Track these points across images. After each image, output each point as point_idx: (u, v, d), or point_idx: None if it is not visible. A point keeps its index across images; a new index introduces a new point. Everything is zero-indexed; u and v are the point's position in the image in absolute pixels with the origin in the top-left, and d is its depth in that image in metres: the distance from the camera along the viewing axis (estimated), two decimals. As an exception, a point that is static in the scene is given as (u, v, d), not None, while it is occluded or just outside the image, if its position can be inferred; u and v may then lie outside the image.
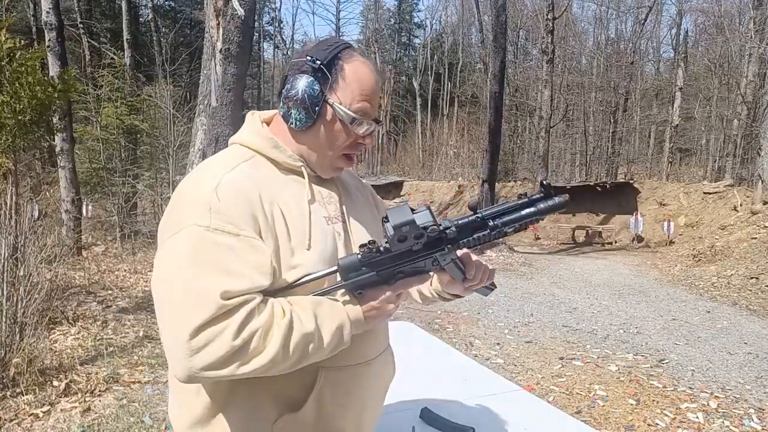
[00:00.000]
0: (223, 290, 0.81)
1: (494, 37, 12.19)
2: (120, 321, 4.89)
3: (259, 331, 0.82)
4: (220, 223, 0.85)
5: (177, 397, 1.04)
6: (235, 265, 0.84)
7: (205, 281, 0.82)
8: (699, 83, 23.90)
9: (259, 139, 1.00)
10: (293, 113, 0.97)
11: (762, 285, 7.70)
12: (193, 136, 5.11)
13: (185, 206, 0.89)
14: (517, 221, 0.94)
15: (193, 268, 0.83)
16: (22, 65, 5.26)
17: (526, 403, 1.80)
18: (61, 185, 8.58)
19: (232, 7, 4.70)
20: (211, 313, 0.80)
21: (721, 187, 13.54)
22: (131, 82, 12.83)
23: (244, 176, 0.93)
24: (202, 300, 0.81)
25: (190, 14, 25.90)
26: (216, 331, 0.80)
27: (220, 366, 0.81)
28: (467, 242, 0.95)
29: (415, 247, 0.92)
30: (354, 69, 0.97)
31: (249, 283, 0.84)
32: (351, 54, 0.98)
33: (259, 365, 0.82)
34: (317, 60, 0.95)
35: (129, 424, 3.00)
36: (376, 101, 1.01)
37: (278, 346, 0.83)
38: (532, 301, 6.92)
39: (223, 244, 0.84)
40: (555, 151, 25.57)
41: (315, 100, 0.95)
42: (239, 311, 0.82)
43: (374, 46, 37.83)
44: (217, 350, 0.80)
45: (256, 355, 0.82)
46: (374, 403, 1.11)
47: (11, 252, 3.66)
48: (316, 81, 0.95)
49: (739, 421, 3.40)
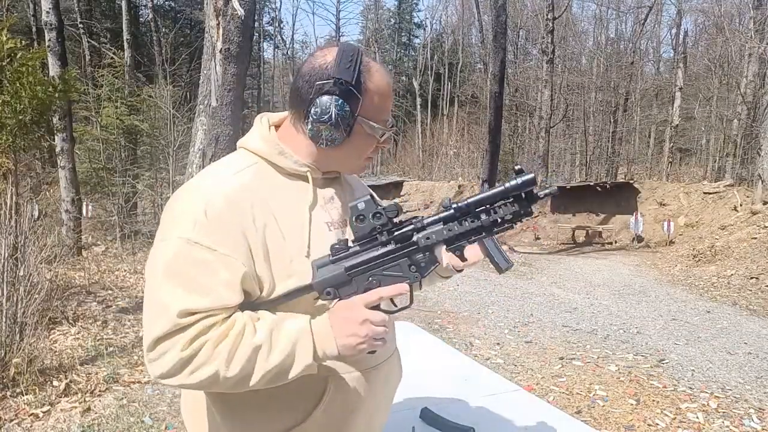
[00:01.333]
0: (182, 308, 0.85)
1: (494, 37, 12.19)
2: (120, 321, 4.89)
3: (209, 342, 0.85)
4: (200, 237, 0.87)
5: (189, 406, 1.07)
6: (204, 281, 0.86)
7: (169, 296, 0.86)
8: (699, 83, 23.92)
9: (266, 146, 1.00)
10: (325, 134, 0.95)
11: (762, 285, 7.70)
12: (193, 136, 5.11)
13: (176, 216, 0.91)
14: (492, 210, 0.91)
15: (163, 282, 0.87)
16: (22, 65, 5.26)
17: (526, 403, 1.80)
18: (61, 185, 8.58)
19: (232, 7, 4.70)
20: (166, 328, 0.85)
21: (721, 187, 13.54)
22: (131, 82, 12.84)
23: (241, 187, 0.93)
24: (162, 314, 0.85)
25: (190, 14, 25.90)
26: (170, 344, 0.85)
27: (172, 375, 0.85)
28: (446, 239, 0.92)
29: (380, 236, 0.91)
30: (376, 83, 0.97)
31: (213, 300, 0.86)
32: (368, 65, 0.97)
33: (206, 375, 0.85)
34: (342, 80, 0.93)
35: (129, 424, 3.00)
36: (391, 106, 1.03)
37: (224, 356, 0.84)
38: (532, 301, 6.91)
39: (197, 259, 0.87)
40: (555, 151, 25.59)
41: (347, 121, 0.94)
42: (194, 326, 0.85)
43: (374, 46, 37.82)
44: (169, 361, 0.85)
45: (203, 364, 0.85)
46: (383, 407, 1.11)
47: (11, 252, 3.66)
48: (346, 103, 0.93)
49: (739, 421, 3.40)
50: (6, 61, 5.21)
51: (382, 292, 0.90)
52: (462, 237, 0.93)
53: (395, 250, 0.92)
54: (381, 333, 0.89)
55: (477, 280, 8.06)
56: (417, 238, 0.92)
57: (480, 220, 0.92)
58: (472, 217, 0.92)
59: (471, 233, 0.93)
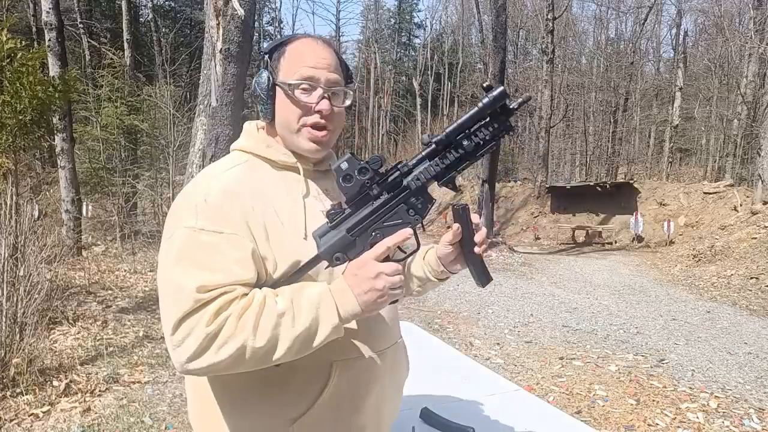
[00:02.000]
0: (199, 284, 0.86)
1: (494, 37, 12.19)
2: (120, 321, 4.89)
3: (232, 316, 0.85)
4: (205, 223, 0.90)
5: (196, 396, 1.06)
6: (215, 261, 0.88)
7: (183, 278, 0.87)
8: (699, 83, 23.92)
9: (253, 142, 1.05)
10: (259, 108, 1.02)
11: (762, 285, 7.70)
12: (193, 136, 5.10)
13: (179, 212, 0.95)
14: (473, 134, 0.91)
15: (176, 267, 0.89)
16: (22, 65, 5.27)
17: (526, 403, 1.80)
18: (61, 185, 8.58)
19: (232, 7, 4.70)
20: (187, 306, 0.85)
21: (721, 187, 13.54)
22: (131, 82, 12.83)
23: (235, 180, 0.97)
24: (180, 295, 0.86)
25: (190, 14, 25.91)
26: (193, 322, 0.84)
27: (200, 353, 0.84)
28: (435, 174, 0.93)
29: (371, 191, 0.91)
30: (294, 46, 1.00)
31: (228, 276, 0.88)
32: (298, 37, 1.01)
33: (234, 348, 0.84)
34: (263, 52, 1.01)
35: (129, 424, 3.00)
36: (325, 64, 0.99)
37: (251, 327, 0.84)
38: (532, 301, 6.91)
39: (206, 242, 0.89)
40: (555, 151, 25.60)
41: (264, 87, 1.00)
42: (215, 301, 0.86)
43: (374, 46, 37.84)
44: (196, 340, 0.84)
45: (230, 337, 0.84)
46: (392, 397, 1.11)
47: (11, 252, 3.66)
48: (265, 70, 1.00)
49: (739, 421, 3.40)
50: (6, 61, 5.21)
51: (388, 242, 0.91)
52: (450, 169, 0.93)
53: (389, 200, 0.93)
54: (398, 282, 0.90)
55: (477, 280, 8.05)
56: (407, 182, 0.93)
57: (463, 147, 0.91)
58: (454, 147, 0.92)
59: (457, 163, 0.92)
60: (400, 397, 1.16)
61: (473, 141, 0.92)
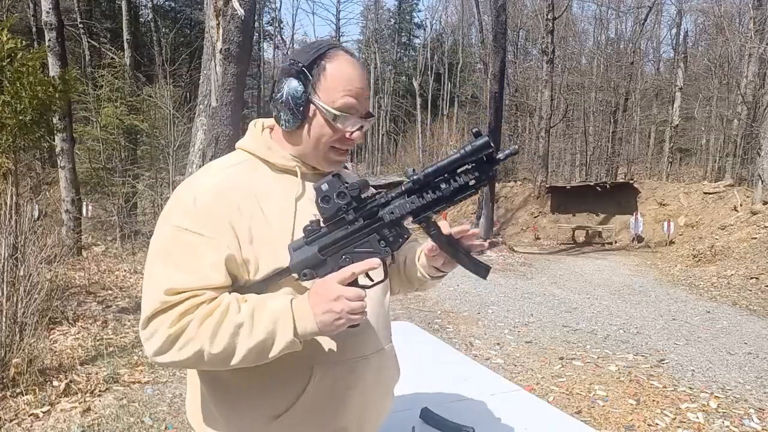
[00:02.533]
0: (169, 287, 0.90)
1: (494, 37, 12.19)
2: (120, 321, 4.89)
3: (195, 320, 0.89)
4: (188, 223, 0.94)
5: (192, 387, 1.11)
6: (191, 263, 0.92)
7: (158, 277, 0.93)
8: (699, 83, 23.92)
9: (255, 143, 1.07)
10: (282, 116, 1.01)
11: (762, 285, 7.70)
12: (193, 136, 5.11)
13: (170, 208, 0.99)
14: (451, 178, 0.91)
15: (154, 263, 0.95)
16: (23, 65, 5.27)
17: (526, 403, 1.80)
18: (61, 185, 8.58)
19: (232, 7, 4.70)
20: (156, 306, 0.90)
21: (721, 187, 13.54)
22: (131, 82, 12.83)
23: (229, 180, 1.00)
24: (152, 294, 0.92)
25: (190, 14, 25.91)
26: (159, 322, 0.90)
27: (164, 351, 0.90)
28: (410, 211, 0.93)
29: (347, 215, 0.93)
30: (336, 67, 0.99)
31: (199, 280, 0.92)
32: (335, 53, 1.00)
33: (193, 351, 0.89)
34: (299, 62, 0.99)
35: (129, 424, 3.00)
36: (363, 96, 1.01)
37: (209, 333, 0.89)
38: (532, 301, 6.91)
39: (185, 242, 0.93)
40: (555, 151, 25.59)
41: (299, 101, 0.98)
42: (182, 303, 0.90)
43: (374, 46, 37.84)
44: (159, 339, 0.90)
45: (190, 340, 0.89)
46: (376, 401, 1.11)
47: (11, 252, 3.66)
48: (300, 83, 0.98)
49: (739, 421, 3.40)
50: (6, 61, 5.21)
51: (354, 268, 0.92)
52: (425, 208, 0.93)
53: (363, 227, 0.94)
54: (357, 308, 0.90)
55: (477, 280, 8.05)
56: (383, 213, 0.94)
57: (440, 189, 0.91)
58: (432, 188, 0.92)
59: (434, 204, 0.92)
60: (388, 402, 1.17)
61: (452, 185, 0.91)
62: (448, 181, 0.91)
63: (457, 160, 0.89)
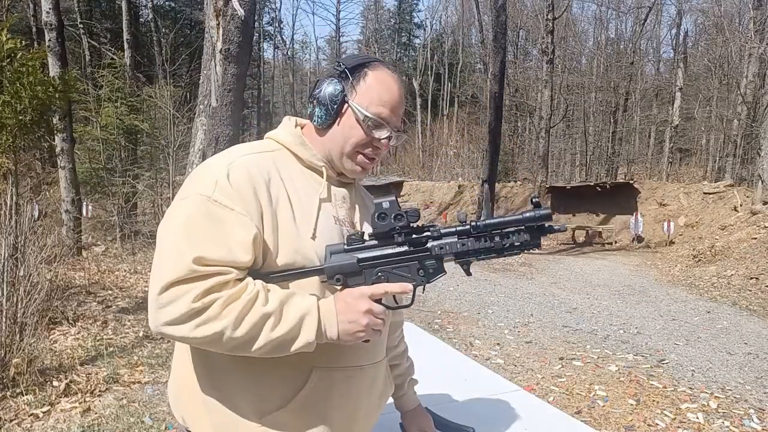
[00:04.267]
0: (198, 255, 0.87)
1: (494, 38, 12.19)
2: (120, 321, 4.89)
3: (220, 299, 0.87)
4: (220, 196, 0.92)
5: (179, 371, 1.07)
6: (219, 236, 0.90)
7: (186, 244, 0.89)
8: (699, 83, 23.92)
9: (289, 136, 1.08)
10: (316, 111, 1.04)
11: (762, 285, 7.70)
12: (193, 137, 5.10)
13: (200, 178, 0.96)
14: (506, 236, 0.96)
15: (181, 229, 0.91)
16: (23, 65, 5.27)
17: (526, 404, 1.80)
18: (61, 185, 8.58)
19: (232, 8, 4.70)
20: (181, 273, 0.86)
21: (721, 187, 13.54)
22: (131, 82, 12.83)
23: (261, 164, 0.99)
24: (177, 260, 0.87)
25: (190, 14, 25.90)
26: (182, 291, 0.86)
27: (178, 323, 0.86)
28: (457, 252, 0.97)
29: (398, 237, 0.95)
30: (377, 76, 1.03)
31: (227, 254, 0.89)
32: (379, 65, 1.05)
33: (212, 331, 0.86)
34: (343, 65, 1.04)
35: (129, 424, 3.00)
36: (398, 111, 1.05)
37: (233, 317, 0.86)
38: (532, 302, 6.91)
39: (215, 215, 0.91)
40: (555, 152, 25.59)
41: (335, 99, 1.02)
42: (209, 279, 0.87)
43: (374, 46, 37.84)
44: (179, 309, 0.85)
45: (211, 319, 0.86)
46: (367, 412, 1.11)
47: (11, 252, 3.66)
48: (339, 83, 1.03)
49: (739, 422, 3.40)
50: (6, 62, 5.21)
51: (389, 288, 0.94)
52: (472, 253, 0.97)
53: (408, 252, 0.97)
54: (380, 324, 0.93)
55: (477, 280, 8.06)
56: (431, 245, 0.97)
57: (493, 241, 0.96)
58: (485, 238, 0.97)
59: (482, 252, 0.97)
60: (377, 414, 1.17)
61: (504, 241, 0.97)
62: (502, 236, 0.97)
63: (517, 221, 0.96)
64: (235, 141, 4.73)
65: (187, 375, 1.03)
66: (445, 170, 28.25)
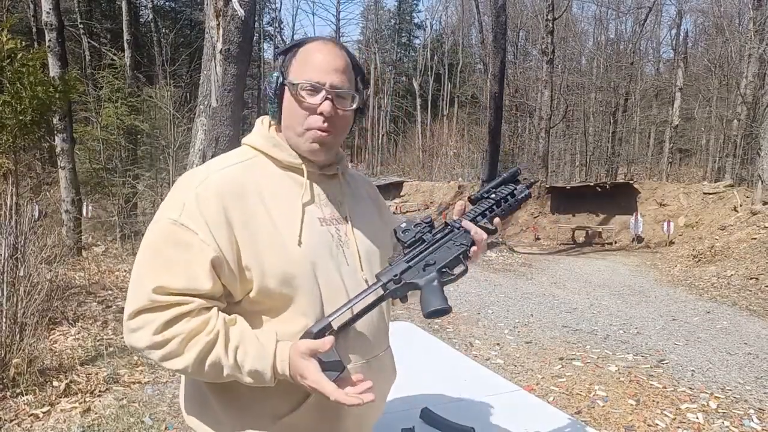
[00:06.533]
0: (158, 285, 0.89)
1: (494, 38, 12.20)
2: (120, 321, 4.86)
3: (180, 336, 0.89)
4: (186, 219, 0.92)
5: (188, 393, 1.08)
6: (181, 263, 0.90)
7: (147, 272, 0.92)
8: (699, 83, 23.90)
9: (261, 139, 1.05)
10: (269, 109, 1.04)
11: (762, 285, 7.70)
12: (193, 137, 5.10)
13: (171, 199, 0.97)
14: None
15: (146, 256, 0.93)
16: (23, 66, 5.27)
17: (526, 404, 1.80)
18: (62, 185, 8.57)
19: (232, 8, 4.70)
20: (142, 303, 0.89)
21: (720, 187, 13.53)
22: (131, 82, 12.82)
23: (234, 179, 0.97)
24: (139, 289, 0.91)
25: (190, 15, 25.90)
26: (143, 321, 0.89)
27: (147, 350, 0.90)
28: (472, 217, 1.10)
29: (425, 236, 1.05)
30: (307, 49, 1.00)
31: (186, 283, 0.90)
32: (310, 41, 1.02)
33: (177, 368, 0.90)
34: (277, 54, 1.05)
35: (129, 424, 3.00)
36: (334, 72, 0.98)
37: (193, 359, 0.90)
38: (532, 302, 6.91)
39: (180, 240, 0.91)
40: (555, 152, 25.58)
41: (274, 88, 1.01)
42: (168, 310, 0.89)
43: (374, 46, 37.85)
44: (143, 338, 0.89)
45: (174, 356, 0.90)
46: (375, 403, 1.10)
47: (11, 252, 3.66)
48: (277, 72, 1.02)
49: (739, 422, 3.40)
50: (6, 62, 5.21)
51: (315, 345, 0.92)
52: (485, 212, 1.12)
53: (440, 237, 1.06)
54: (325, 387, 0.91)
55: (477, 281, 8.06)
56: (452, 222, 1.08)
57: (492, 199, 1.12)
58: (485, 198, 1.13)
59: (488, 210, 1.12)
60: (384, 403, 1.18)
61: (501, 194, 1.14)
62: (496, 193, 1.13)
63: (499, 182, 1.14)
64: (235, 141, 4.73)
65: (199, 381, 1.03)
66: (445, 170, 28.25)
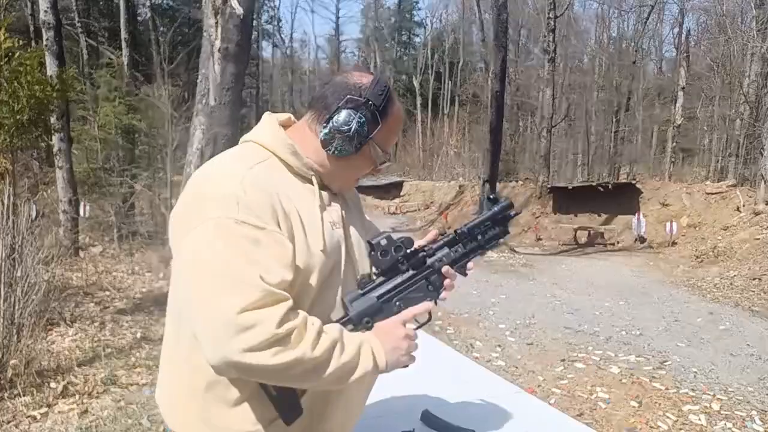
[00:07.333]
0: (264, 275, 0.86)
1: (495, 36, 12.17)
2: (117, 322, 4.87)
3: (297, 329, 0.86)
4: (246, 216, 0.88)
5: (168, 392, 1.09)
6: (261, 257, 0.87)
7: (241, 267, 0.85)
8: (701, 83, 23.84)
9: (278, 143, 1.02)
10: (337, 143, 1.01)
11: (765, 286, 7.67)
12: (191, 136, 5.07)
13: (209, 201, 0.91)
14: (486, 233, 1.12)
15: (226, 254, 0.86)
16: (20, 65, 5.24)
17: (527, 406, 1.78)
18: (59, 185, 8.55)
19: (231, 6, 4.67)
20: (255, 296, 0.83)
21: (723, 187, 13.49)
22: (129, 81, 12.79)
23: (267, 175, 0.96)
24: (244, 284, 0.84)
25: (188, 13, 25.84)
26: (261, 316, 0.83)
27: (259, 350, 0.82)
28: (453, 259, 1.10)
29: (402, 266, 1.05)
30: (396, 117, 1.06)
31: (276, 276, 0.87)
32: (393, 99, 1.06)
33: (293, 357, 0.85)
34: (372, 103, 1.01)
35: (127, 426, 2.97)
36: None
37: (309, 344, 0.87)
38: (533, 303, 6.88)
39: (249, 236, 0.87)
40: (557, 151, 25.54)
41: (362, 139, 1.01)
42: (279, 306, 0.85)
43: (374, 44, 37.85)
44: (260, 335, 0.82)
45: (292, 347, 0.85)
46: (358, 402, 1.14)
47: (9, 253, 3.64)
48: (367, 122, 1.01)
49: (741, 423, 3.37)
50: (4, 61, 5.18)
51: (414, 311, 1.04)
52: (464, 256, 1.13)
53: (415, 275, 1.07)
54: (415, 347, 1.04)
55: (478, 282, 8.02)
56: (431, 261, 1.09)
57: (476, 241, 1.12)
58: (470, 239, 1.12)
59: (470, 252, 1.13)
60: (365, 401, 1.19)
61: (485, 237, 1.13)
62: (482, 234, 1.12)
63: (491, 217, 1.12)
64: (233, 140, 4.70)
65: (183, 386, 1.03)
66: (446, 170, 28.24)
